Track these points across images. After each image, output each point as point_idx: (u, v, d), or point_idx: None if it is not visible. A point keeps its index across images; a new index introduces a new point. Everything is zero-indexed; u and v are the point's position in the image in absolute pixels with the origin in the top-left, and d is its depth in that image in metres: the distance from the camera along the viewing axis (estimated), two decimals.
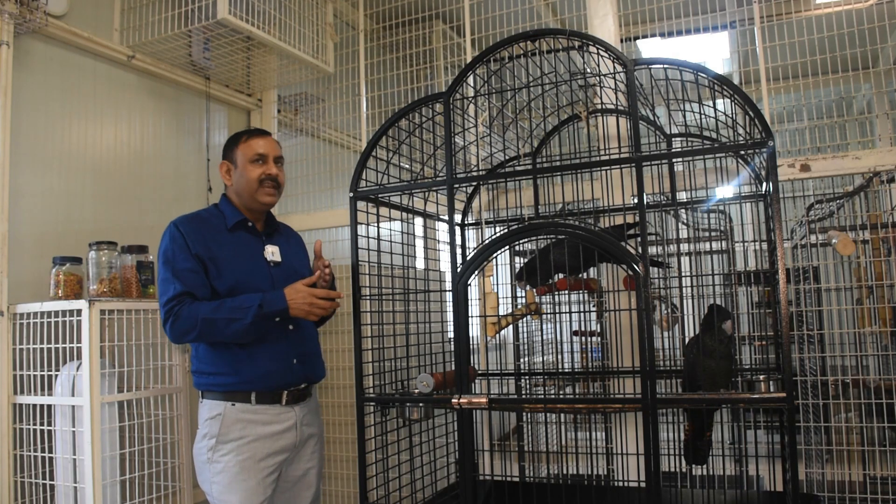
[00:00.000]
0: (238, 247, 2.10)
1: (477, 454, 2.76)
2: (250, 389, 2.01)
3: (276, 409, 2.04)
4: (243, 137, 2.15)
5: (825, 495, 2.59)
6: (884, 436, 2.69)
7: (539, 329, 3.13)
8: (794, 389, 1.76)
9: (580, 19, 3.00)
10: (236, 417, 1.99)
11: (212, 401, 2.02)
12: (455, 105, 2.16)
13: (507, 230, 1.96)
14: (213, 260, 2.03)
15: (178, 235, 2.03)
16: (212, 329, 1.94)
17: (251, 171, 2.10)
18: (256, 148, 2.11)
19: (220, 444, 1.98)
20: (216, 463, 1.97)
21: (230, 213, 2.14)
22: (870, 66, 2.78)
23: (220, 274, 2.02)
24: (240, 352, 2.01)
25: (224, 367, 2.01)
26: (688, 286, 2.51)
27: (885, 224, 2.86)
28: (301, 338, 2.12)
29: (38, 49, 2.70)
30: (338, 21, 3.74)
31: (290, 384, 2.07)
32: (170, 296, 1.97)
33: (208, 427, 2.00)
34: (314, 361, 2.18)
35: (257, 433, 2.00)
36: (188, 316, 1.94)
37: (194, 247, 2.01)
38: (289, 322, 2.06)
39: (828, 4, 3.03)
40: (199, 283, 2.00)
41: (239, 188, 2.12)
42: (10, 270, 2.47)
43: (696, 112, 2.14)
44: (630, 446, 2.42)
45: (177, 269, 1.99)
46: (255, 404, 2.01)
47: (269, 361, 2.03)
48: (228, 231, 2.11)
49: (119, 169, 3.02)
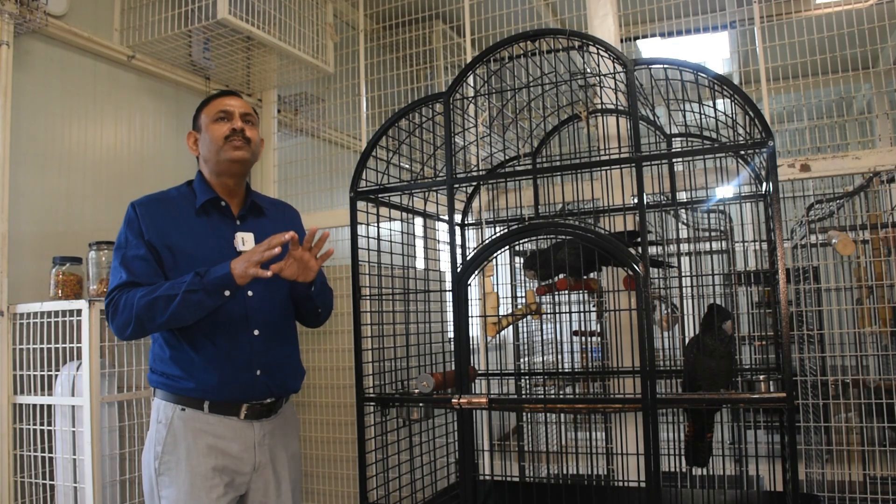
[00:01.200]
0: (203, 233, 1.84)
1: (477, 454, 2.76)
2: (204, 398, 1.77)
3: (232, 422, 1.79)
4: (208, 102, 1.93)
5: (825, 495, 2.59)
6: (884, 436, 2.69)
7: (539, 329, 3.13)
8: (794, 389, 1.76)
9: (580, 19, 3.00)
10: (185, 425, 1.76)
11: (162, 401, 1.80)
12: (455, 105, 2.16)
13: (507, 230, 1.96)
14: (170, 248, 1.78)
15: (133, 218, 1.80)
16: (151, 312, 1.66)
17: (214, 129, 1.86)
18: (219, 105, 1.89)
19: (167, 455, 1.74)
20: (163, 476, 1.74)
21: (201, 191, 1.89)
22: (870, 66, 2.78)
23: (177, 264, 1.78)
24: (195, 356, 1.77)
25: (177, 370, 1.78)
26: (688, 286, 2.51)
27: (885, 224, 2.86)
28: (268, 344, 1.87)
29: (38, 49, 2.70)
30: (338, 21, 3.74)
31: (250, 398, 1.82)
32: (112, 287, 1.75)
33: (155, 432, 1.78)
34: (285, 372, 1.92)
35: (209, 445, 1.75)
36: (126, 304, 1.69)
37: (148, 232, 1.78)
38: (253, 325, 1.83)
39: (828, 4, 3.03)
40: (149, 272, 1.75)
41: (206, 153, 1.88)
42: (10, 270, 2.47)
43: (696, 112, 2.13)
44: (630, 446, 2.42)
45: (126, 257, 1.76)
46: (207, 413, 1.77)
47: (229, 370, 1.78)
48: (196, 214, 1.85)
49: (119, 169, 3.02)
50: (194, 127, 1.95)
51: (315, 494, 3.31)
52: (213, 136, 1.86)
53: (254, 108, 1.97)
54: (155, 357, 1.84)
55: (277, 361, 1.89)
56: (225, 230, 1.87)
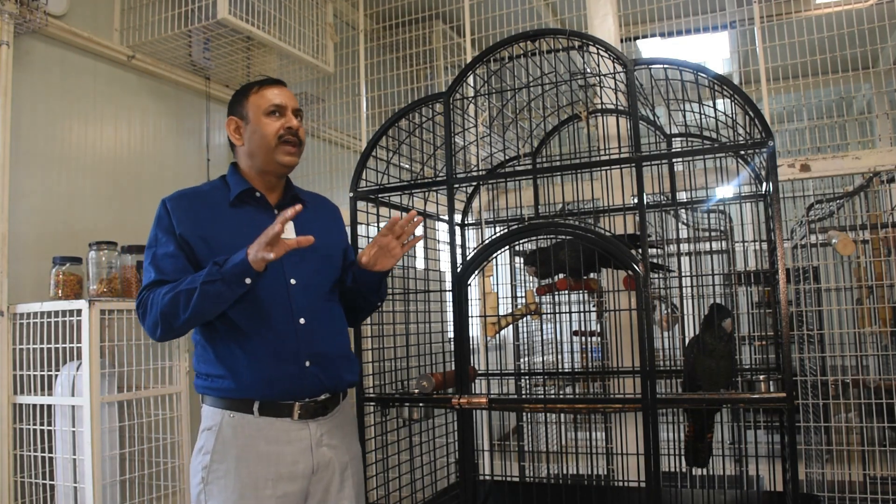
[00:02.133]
0: (240, 224, 1.72)
1: (477, 454, 2.76)
2: (252, 398, 1.65)
3: (286, 424, 1.66)
4: (254, 88, 1.79)
5: (825, 495, 2.59)
6: (884, 436, 2.69)
7: (539, 329, 3.13)
8: (794, 389, 1.76)
9: (580, 19, 3.00)
10: (235, 431, 1.64)
11: (210, 408, 1.69)
12: (455, 105, 2.16)
13: (507, 230, 1.96)
14: (205, 239, 1.68)
15: (163, 215, 1.71)
16: (175, 308, 1.57)
17: (267, 125, 1.73)
18: (272, 98, 1.75)
19: (216, 464, 1.63)
20: (211, 485, 1.63)
21: (235, 183, 1.77)
22: (870, 66, 2.78)
23: (214, 255, 1.64)
24: (238, 352, 1.66)
25: (221, 369, 1.67)
26: (688, 286, 2.51)
27: (885, 224, 2.86)
28: (316, 334, 1.72)
29: (38, 49, 2.70)
30: (338, 21, 3.74)
31: (302, 393, 1.68)
32: (142, 287, 1.67)
33: (204, 440, 1.67)
34: (338, 363, 1.76)
35: (260, 452, 1.63)
36: (152, 303, 1.61)
37: (180, 226, 1.68)
38: (297, 314, 1.70)
39: (828, 4, 3.03)
40: (178, 268, 1.65)
41: (253, 148, 1.75)
42: (10, 270, 2.47)
43: (696, 112, 2.14)
44: (630, 446, 2.42)
45: (156, 255, 1.68)
46: (258, 416, 1.64)
47: (274, 363, 1.66)
48: (230, 206, 1.75)
49: (119, 169, 3.02)
50: (236, 113, 1.79)
51: None
52: (265, 132, 1.73)
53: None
54: (199, 359, 1.73)
55: (328, 351, 1.73)
56: (262, 220, 1.71)
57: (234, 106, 1.81)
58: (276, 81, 1.82)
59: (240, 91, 1.82)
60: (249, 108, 1.76)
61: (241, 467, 1.62)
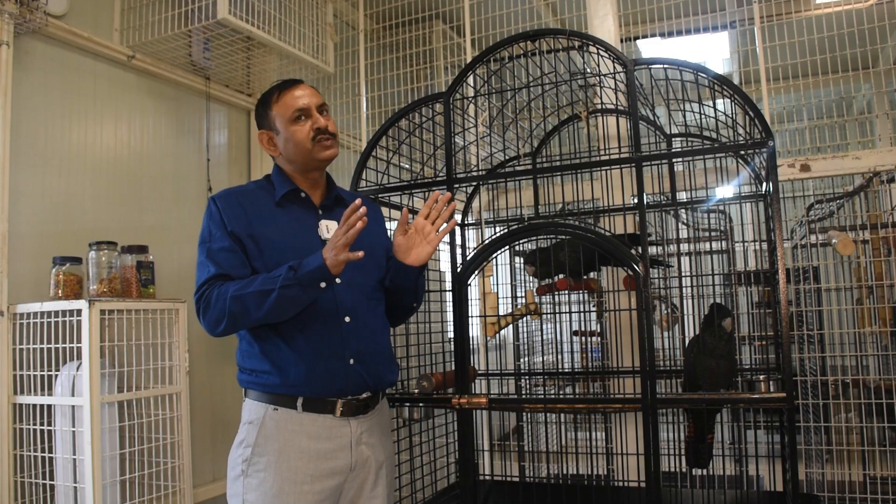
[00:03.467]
0: (286, 223, 1.76)
1: (477, 454, 2.76)
2: (296, 394, 1.67)
3: (328, 420, 1.69)
4: (274, 96, 1.79)
5: (825, 495, 2.59)
6: (884, 436, 2.69)
7: (539, 329, 3.13)
8: (794, 389, 1.76)
9: (580, 19, 3.00)
10: (277, 425, 1.67)
11: (253, 402, 1.71)
12: (455, 105, 2.16)
13: (507, 230, 1.96)
14: (254, 238, 1.71)
15: (214, 211, 1.73)
16: (244, 308, 1.61)
17: (297, 132, 1.75)
18: (294, 102, 1.76)
19: (257, 457, 1.65)
20: (250, 478, 1.65)
21: (280, 183, 1.80)
22: (870, 66, 2.78)
23: (262, 254, 1.70)
24: (285, 348, 1.68)
25: (267, 365, 1.69)
26: (688, 286, 2.51)
27: (885, 224, 2.86)
28: (360, 332, 1.75)
29: (38, 49, 2.70)
30: (338, 21, 3.74)
31: (345, 391, 1.71)
32: (201, 282, 1.67)
33: (245, 433, 1.69)
34: (379, 361, 1.78)
35: (301, 448, 1.66)
36: (218, 297, 1.62)
37: (230, 223, 1.71)
38: (342, 312, 1.72)
39: (828, 4, 3.03)
40: (237, 264, 1.68)
41: (291, 154, 1.78)
42: (10, 270, 2.47)
43: (696, 112, 2.14)
44: (630, 446, 2.42)
45: (212, 250, 1.69)
46: (301, 412, 1.67)
47: (319, 360, 1.69)
48: (276, 205, 1.77)
49: (119, 169, 3.02)
50: (264, 126, 1.81)
51: None
52: (297, 138, 1.75)
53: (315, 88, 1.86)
54: (243, 354, 1.75)
55: (371, 350, 1.76)
56: (308, 219, 1.78)
57: (261, 119, 1.82)
58: (294, 82, 1.82)
59: (261, 102, 1.83)
60: (275, 118, 1.78)
61: (282, 462, 1.64)
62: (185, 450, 2.65)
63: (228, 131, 3.63)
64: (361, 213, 1.56)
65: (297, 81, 1.82)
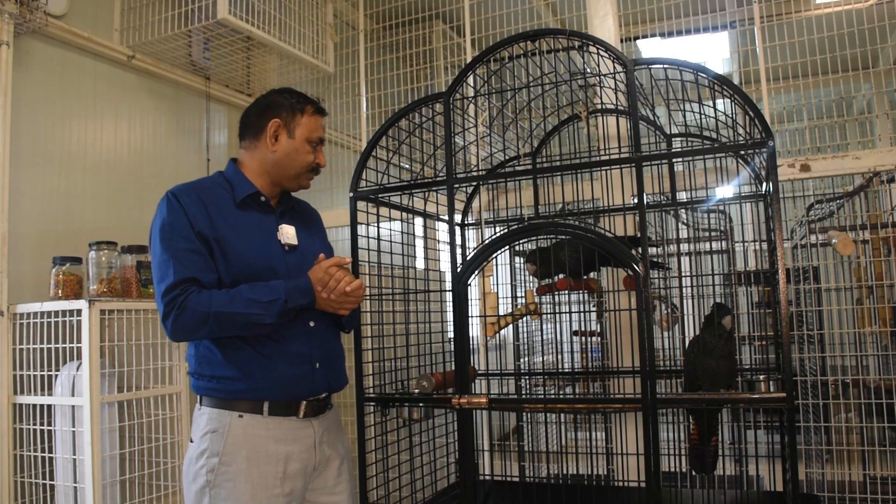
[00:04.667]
0: (249, 227, 1.75)
1: (477, 454, 2.76)
2: (263, 398, 1.68)
3: (292, 422, 1.72)
4: (309, 108, 1.84)
5: (825, 495, 2.59)
6: (884, 436, 2.69)
7: (539, 329, 3.13)
8: (794, 389, 1.76)
9: (580, 19, 3.00)
10: (244, 432, 1.66)
11: (213, 409, 1.68)
12: (455, 105, 2.16)
13: (507, 230, 1.96)
14: (219, 241, 1.69)
15: (178, 207, 1.68)
16: (226, 325, 1.62)
17: (306, 154, 1.82)
18: (319, 131, 1.85)
19: (225, 466, 1.63)
20: (219, 488, 1.63)
21: (240, 183, 1.79)
22: (870, 66, 2.78)
23: (227, 258, 1.69)
24: (252, 352, 1.69)
25: (232, 371, 1.67)
26: (688, 286, 2.51)
27: (885, 224, 2.86)
28: (324, 337, 1.81)
29: (38, 49, 2.70)
30: (338, 21, 3.74)
31: (310, 393, 1.75)
32: (170, 282, 1.61)
33: (208, 443, 1.65)
34: (339, 364, 1.87)
35: (269, 452, 1.67)
36: (196, 308, 1.59)
37: (197, 223, 1.67)
38: (309, 318, 1.77)
39: (828, 4, 3.03)
40: (204, 267, 1.66)
41: (285, 162, 1.80)
42: (10, 270, 2.47)
43: (696, 112, 2.14)
44: (630, 446, 2.42)
45: (177, 250, 1.64)
46: (267, 416, 1.68)
47: (289, 365, 1.71)
48: (236, 206, 1.76)
49: (119, 169, 3.02)
50: (284, 118, 1.81)
51: None
52: (303, 159, 1.82)
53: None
54: (201, 360, 1.72)
55: (333, 353, 1.84)
56: (269, 224, 1.80)
57: (285, 112, 1.81)
58: (324, 111, 1.90)
59: (294, 98, 1.84)
60: (300, 127, 1.82)
61: (252, 468, 1.64)
62: (184, 450, 2.65)
63: (228, 131, 3.63)
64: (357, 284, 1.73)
65: (325, 111, 1.91)
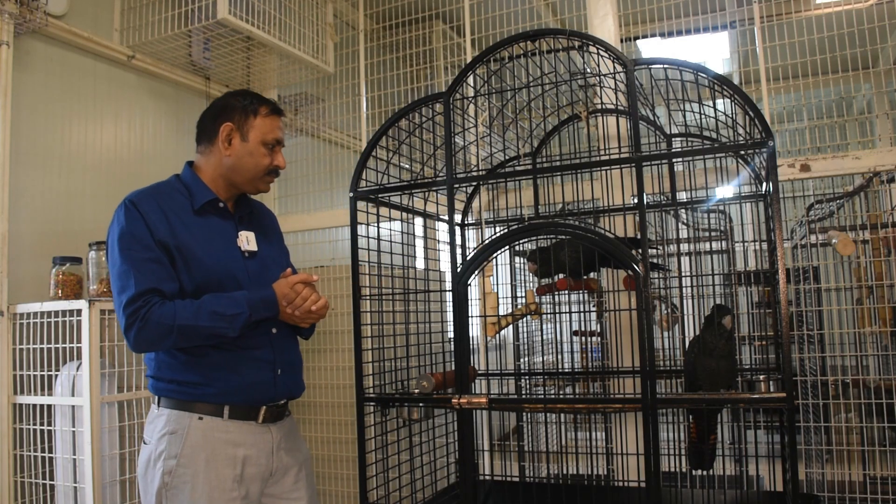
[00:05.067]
0: (208, 233, 1.74)
1: (477, 454, 2.76)
2: (224, 402, 1.69)
3: (251, 427, 1.72)
4: (262, 109, 1.80)
5: (825, 495, 2.59)
6: (884, 436, 2.69)
7: (539, 329, 3.13)
8: (794, 389, 1.76)
9: (580, 19, 3.00)
10: (204, 434, 1.66)
11: (172, 410, 1.68)
12: (455, 105, 2.16)
13: (507, 230, 1.96)
14: (179, 249, 1.67)
15: (136, 216, 1.67)
16: (189, 337, 1.62)
17: (262, 157, 1.79)
18: (275, 132, 1.81)
19: (183, 468, 1.63)
20: (175, 490, 1.63)
21: (198, 189, 1.77)
22: (870, 66, 2.78)
23: (189, 267, 1.67)
24: (216, 358, 1.69)
25: (195, 376, 1.68)
26: (688, 286, 2.51)
27: (885, 224, 2.86)
28: (286, 343, 1.83)
29: (38, 49, 2.70)
30: (338, 21, 3.74)
31: (271, 399, 1.76)
32: (131, 294, 1.59)
33: (166, 444, 1.65)
34: (298, 370, 1.88)
35: (228, 454, 1.67)
36: (159, 321, 1.58)
37: (157, 231, 1.66)
38: (272, 324, 1.78)
39: (828, 4, 3.03)
40: (165, 277, 1.64)
41: (240, 166, 1.78)
42: (10, 270, 2.47)
43: (696, 112, 2.14)
44: (630, 446, 2.42)
45: (137, 259, 1.62)
46: (227, 419, 1.68)
47: (252, 371, 1.72)
48: (195, 213, 1.75)
49: (119, 169, 3.02)
50: (236, 122, 1.78)
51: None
52: (259, 162, 1.79)
53: None
54: (162, 365, 1.72)
55: (293, 360, 1.85)
56: (228, 231, 1.80)
57: (236, 114, 1.79)
58: (280, 111, 1.86)
59: (247, 100, 1.81)
60: (254, 129, 1.78)
61: (210, 470, 1.65)
62: None
63: None
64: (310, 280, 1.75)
65: (282, 111, 1.87)
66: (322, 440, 3.30)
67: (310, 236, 3.62)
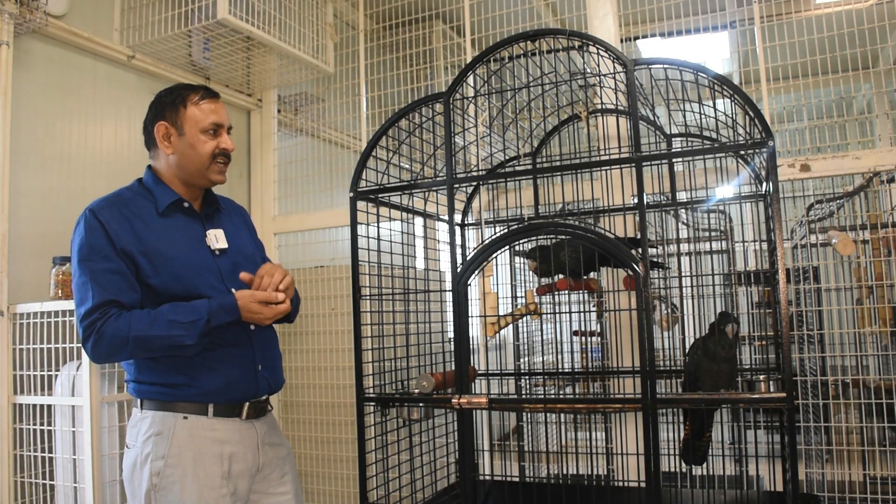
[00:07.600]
0: (176, 236, 1.74)
1: (477, 454, 2.76)
2: (208, 401, 1.70)
3: (236, 423, 1.74)
4: (191, 97, 1.77)
5: (825, 495, 2.59)
6: (884, 436, 2.69)
7: (539, 329, 3.13)
8: (794, 389, 1.76)
9: (580, 19, 3.00)
10: (190, 433, 1.67)
11: (156, 412, 1.68)
12: (455, 105, 2.16)
13: (507, 230, 1.96)
14: (147, 254, 1.67)
15: (96, 226, 1.65)
16: (146, 348, 1.61)
17: (203, 144, 1.75)
18: (211, 116, 1.77)
19: (171, 468, 1.64)
20: (163, 490, 1.64)
21: (161, 192, 1.77)
22: (870, 66, 2.78)
23: (157, 270, 1.67)
24: (198, 359, 1.71)
25: (177, 376, 1.69)
26: (688, 286, 2.51)
27: (885, 224, 2.86)
28: (264, 340, 1.85)
29: (38, 49, 2.70)
30: (338, 21, 3.74)
31: (253, 395, 1.79)
32: (88, 307, 1.61)
33: (152, 446, 1.65)
34: (277, 366, 1.91)
35: (215, 452, 1.69)
36: (115, 333, 1.59)
37: (120, 240, 1.65)
38: (249, 322, 1.78)
39: (828, 4, 3.03)
40: (124, 287, 1.64)
41: (185, 161, 1.76)
42: (10, 270, 2.47)
43: (696, 112, 2.14)
44: (630, 446, 2.42)
45: (95, 271, 1.62)
46: (212, 417, 1.70)
47: (233, 368, 1.74)
48: (160, 215, 1.75)
49: (119, 169, 3.02)
50: (168, 119, 1.77)
51: (315, 494, 3.31)
52: (200, 150, 1.76)
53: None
54: (140, 368, 1.72)
55: (272, 355, 1.88)
56: (195, 230, 1.80)
57: (167, 111, 1.78)
58: (214, 93, 1.82)
59: (174, 94, 1.79)
60: (186, 120, 1.76)
61: (199, 468, 1.66)
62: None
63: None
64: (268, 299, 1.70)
65: (215, 93, 1.83)
66: (322, 440, 3.29)
67: (310, 236, 3.62)
